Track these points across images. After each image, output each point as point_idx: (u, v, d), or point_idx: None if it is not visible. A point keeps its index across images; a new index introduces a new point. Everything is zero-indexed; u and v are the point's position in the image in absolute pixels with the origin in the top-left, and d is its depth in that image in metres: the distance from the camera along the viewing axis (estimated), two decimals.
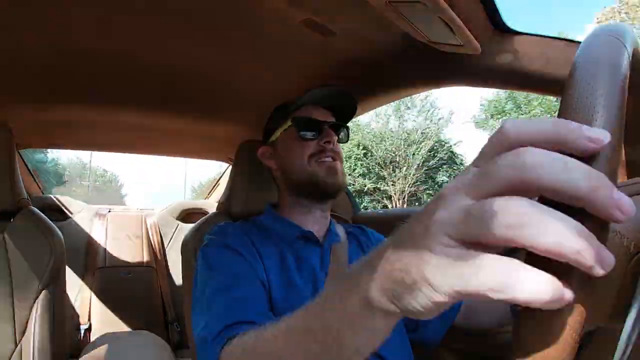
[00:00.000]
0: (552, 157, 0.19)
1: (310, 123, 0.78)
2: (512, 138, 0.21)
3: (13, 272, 0.91)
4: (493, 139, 0.22)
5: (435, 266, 0.21)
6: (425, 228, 0.22)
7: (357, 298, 0.27)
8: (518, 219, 0.18)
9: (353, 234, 0.88)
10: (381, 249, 0.26)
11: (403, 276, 0.23)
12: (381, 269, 0.25)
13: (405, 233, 0.25)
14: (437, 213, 0.22)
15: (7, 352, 0.86)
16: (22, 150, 1.55)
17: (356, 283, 0.27)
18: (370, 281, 0.26)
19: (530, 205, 0.18)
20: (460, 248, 0.21)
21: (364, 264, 0.28)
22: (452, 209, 0.21)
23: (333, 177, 0.76)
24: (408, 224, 0.25)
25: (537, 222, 0.18)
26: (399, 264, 0.23)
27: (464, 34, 0.69)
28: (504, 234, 0.19)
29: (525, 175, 0.19)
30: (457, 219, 0.21)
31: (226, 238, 0.71)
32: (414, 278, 0.22)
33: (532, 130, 0.21)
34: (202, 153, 1.81)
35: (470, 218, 0.20)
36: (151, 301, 1.68)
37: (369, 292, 0.26)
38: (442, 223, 0.21)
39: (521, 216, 0.18)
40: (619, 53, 0.23)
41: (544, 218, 0.18)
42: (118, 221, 1.82)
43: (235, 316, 0.55)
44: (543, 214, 0.18)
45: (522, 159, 0.19)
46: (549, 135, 0.20)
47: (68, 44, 0.83)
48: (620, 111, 0.22)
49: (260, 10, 0.74)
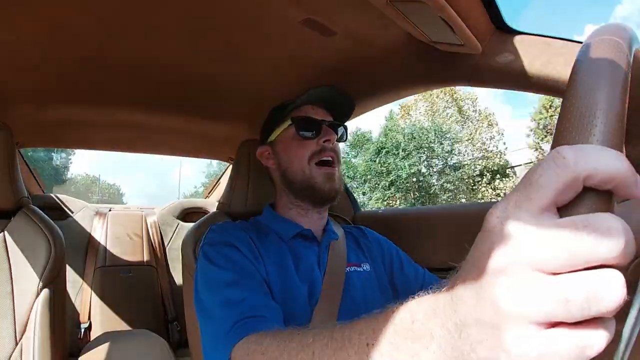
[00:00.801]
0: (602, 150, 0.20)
1: (309, 122, 0.78)
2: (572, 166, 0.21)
3: (13, 270, 0.91)
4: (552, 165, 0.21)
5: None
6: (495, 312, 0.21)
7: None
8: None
9: (352, 234, 0.88)
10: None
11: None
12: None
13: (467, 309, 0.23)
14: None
15: (8, 351, 0.86)
16: (22, 150, 1.55)
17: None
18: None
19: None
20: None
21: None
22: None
23: (330, 183, 0.76)
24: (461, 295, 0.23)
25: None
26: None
27: (465, 33, 0.68)
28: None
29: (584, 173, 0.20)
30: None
31: (226, 236, 0.71)
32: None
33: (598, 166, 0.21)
34: (202, 152, 1.81)
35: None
36: (151, 300, 1.68)
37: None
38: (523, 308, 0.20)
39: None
40: (620, 53, 0.23)
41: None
42: (118, 220, 1.82)
43: (244, 312, 0.56)
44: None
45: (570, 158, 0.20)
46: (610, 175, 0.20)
47: (68, 44, 0.83)
48: (621, 111, 0.22)
49: (260, 9, 0.74)
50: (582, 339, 0.19)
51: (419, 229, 1.19)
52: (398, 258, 0.86)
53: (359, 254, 0.83)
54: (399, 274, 0.82)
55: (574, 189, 0.21)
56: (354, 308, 0.70)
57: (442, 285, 0.26)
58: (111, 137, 1.48)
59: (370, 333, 0.30)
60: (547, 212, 0.21)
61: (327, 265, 0.74)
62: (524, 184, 0.22)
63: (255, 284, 0.63)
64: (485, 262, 0.22)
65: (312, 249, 0.76)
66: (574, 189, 0.21)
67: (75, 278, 1.60)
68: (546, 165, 0.21)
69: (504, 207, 0.23)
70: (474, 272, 0.23)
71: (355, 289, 0.74)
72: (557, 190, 0.21)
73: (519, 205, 0.22)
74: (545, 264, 0.20)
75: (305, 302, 0.68)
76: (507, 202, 0.23)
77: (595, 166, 0.20)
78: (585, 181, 0.20)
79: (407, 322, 0.27)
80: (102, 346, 1.02)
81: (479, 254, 0.23)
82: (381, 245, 0.88)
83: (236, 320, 0.54)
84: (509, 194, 0.23)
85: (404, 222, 1.27)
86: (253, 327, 0.52)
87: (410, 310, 0.27)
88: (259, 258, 0.69)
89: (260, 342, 0.47)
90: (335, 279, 0.72)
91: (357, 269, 0.78)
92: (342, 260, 0.76)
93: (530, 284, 0.20)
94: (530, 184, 0.21)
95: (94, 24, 0.77)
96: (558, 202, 0.21)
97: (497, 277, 0.21)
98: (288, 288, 0.68)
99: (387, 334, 0.28)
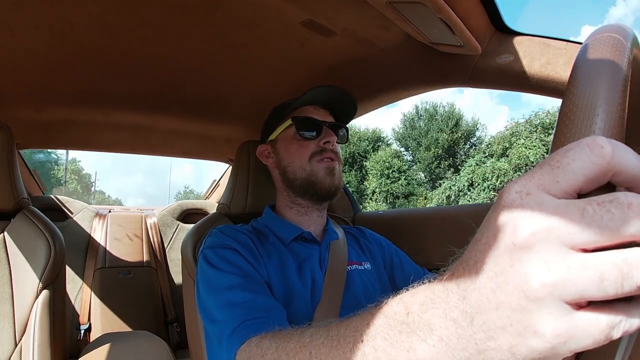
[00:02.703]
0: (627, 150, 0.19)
1: (309, 123, 0.78)
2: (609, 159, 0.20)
3: (13, 272, 0.91)
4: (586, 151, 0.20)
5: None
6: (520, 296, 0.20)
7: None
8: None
9: (352, 235, 0.88)
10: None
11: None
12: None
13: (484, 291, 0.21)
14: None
15: (7, 352, 0.86)
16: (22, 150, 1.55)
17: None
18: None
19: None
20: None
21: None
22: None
23: (331, 177, 0.76)
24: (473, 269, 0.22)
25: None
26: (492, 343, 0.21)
27: (464, 34, 0.69)
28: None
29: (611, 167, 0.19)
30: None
31: (226, 239, 0.71)
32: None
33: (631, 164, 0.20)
34: (202, 154, 1.81)
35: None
36: (151, 301, 1.68)
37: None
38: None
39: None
40: (619, 53, 0.24)
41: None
42: (118, 221, 1.81)
43: (246, 314, 0.56)
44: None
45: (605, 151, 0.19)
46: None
47: (68, 44, 0.83)
48: (621, 111, 0.22)
49: (261, 10, 0.74)
50: (614, 318, 0.18)
51: (419, 230, 1.19)
52: (398, 258, 0.86)
53: (360, 253, 0.83)
54: (400, 274, 0.83)
55: (600, 182, 0.20)
56: (356, 306, 0.70)
57: (439, 275, 0.25)
58: (111, 138, 1.48)
59: (365, 329, 0.29)
60: (569, 197, 0.20)
61: (328, 264, 0.74)
62: (551, 166, 0.20)
63: (256, 286, 0.63)
64: (506, 240, 0.20)
65: (313, 249, 0.77)
66: (600, 182, 0.20)
67: (75, 279, 1.60)
68: (581, 151, 0.20)
69: (524, 183, 0.21)
70: (489, 252, 0.21)
71: (356, 286, 0.74)
72: (587, 178, 0.20)
73: (542, 186, 0.20)
74: (575, 238, 0.19)
75: (307, 302, 0.68)
76: (529, 179, 0.21)
77: (627, 163, 0.19)
78: (613, 176, 0.20)
79: (401, 315, 0.26)
80: (101, 347, 1.02)
81: (494, 231, 0.21)
82: (381, 245, 0.88)
83: (238, 323, 0.54)
84: (530, 173, 0.21)
85: (404, 223, 1.27)
86: (255, 330, 0.52)
87: (404, 302, 0.26)
88: (260, 260, 0.69)
89: (260, 344, 0.47)
90: (336, 277, 0.72)
91: (358, 267, 0.78)
92: (343, 259, 0.77)
93: (562, 261, 0.19)
94: (559, 167, 0.20)
95: (93, 26, 0.77)
96: (582, 190, 0.20)
97: (523, 255, 0.20)
98: (289, 289, 0.68)
99: (380, 328, 0.27)
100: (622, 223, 0.18)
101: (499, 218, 0.21)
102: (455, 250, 0.25)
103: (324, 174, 0.75)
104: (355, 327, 0.31)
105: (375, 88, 1.05)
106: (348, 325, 0.32)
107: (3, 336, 0.87)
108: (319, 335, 0.36)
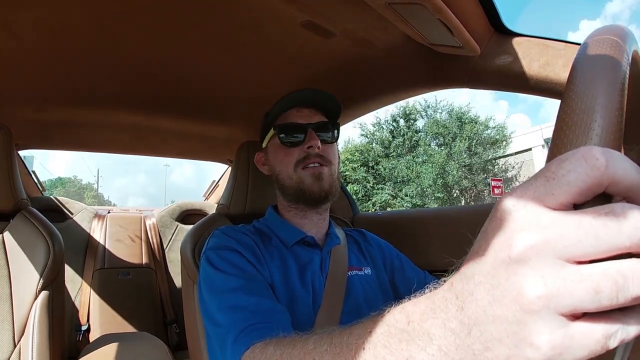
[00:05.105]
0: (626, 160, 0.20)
1: (291, 128, 0.76)
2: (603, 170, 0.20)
3: (12, 272, 0.91)
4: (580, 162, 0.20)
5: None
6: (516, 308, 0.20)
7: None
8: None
9: (353, 237, 0.88)
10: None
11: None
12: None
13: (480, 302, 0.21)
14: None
15: (6, 353, 0.85)
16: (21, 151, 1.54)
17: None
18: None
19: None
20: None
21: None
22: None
23: (319, 183, 0.74)
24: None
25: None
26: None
27: (463, 35, 0.69)
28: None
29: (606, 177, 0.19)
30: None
31: (229, 241, 0.71)
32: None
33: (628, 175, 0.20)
34: (201, 154, 1.81)
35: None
36: (150, 302, 1.68)
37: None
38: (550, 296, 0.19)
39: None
40: (618, 54, 0.24)
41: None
42: (117, 222, 1.81)
43: (250, 318, 0.55)
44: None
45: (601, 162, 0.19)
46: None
47: (67, 44, 0.83)
48: (619, 112, 0.22)
49: (260, 11, 0.74)
50: (610, 328, 0.19)
51: (418, 231, 1.19)
52: (399, 261, 0.85)
53: (360, 257, 0.83)
54: (400, 277, 0.82)
55: (595, 192, 0.20)
56: (357, 311, 0.70)
57: (440, 284, 0.25)
58: (110, 139, 1.48)
59: (367, 337, 0.29)
60: (565, 208, 0.20)
61: (329, 270, 0.74)
62: (546, 177, 0.21)
63: (259, 289, 0.62)
64: (502, 253, 0.21)
65: (314, 254, 0.76)
66: (595, 192, 0.20)
67: (74, 280, 1.59)
68: (576, 163, 0.20)
69: (519, 195, 0.21)
70: (486, 265, 0.21)
71: (357, 292, 0.74)
72: (581, 190, 0.20)
73: (538, 198, 0.21)
74: (571, 251, 0.19)
75: (309, 306, 0.68)
76: (524, 191, 0.21)
77: (623, 173, 0.20)
78: (608, 187, 0.20)
79: (402, 324, 0.26)
80: (100, 348, 1.01)
81: (490, 243, 0.22)
82: (382, 249, 0.88)
83: (242, 327, 0.54)
84: (525, 184, 0.22)
85: (403, 224, 1.27)
86: (259, 335, 0.52)
87: (406, 311, 0.26)
88: (263, 262, 0.69)
89: (264, 351, 0.47)
90: (337, 283, 0.72)
91: (358, 273, 0.78)
92: (343, 265, 0.76)
93: (558, 273, 0.19)
94: (555, 178, 0.20)
95: (93, 26, 0.77)
96: (578, 201, 0.21)
97: (518, 268, 0.20)
98: (291, 293, 0.68)
99: (381, 337, 0.27)
100: (617, 235, 0.18)
101: (495, 230, 0.21)
102: (454, 261, 0.25)
103: (311, 181, 0.74)
104: (358, 334, 0.31)
105: (375, 89, 1.05)
106: (351, 333, 0.32)
107: (2, 337, 0.86)
108: (323, 342, 0.36)
